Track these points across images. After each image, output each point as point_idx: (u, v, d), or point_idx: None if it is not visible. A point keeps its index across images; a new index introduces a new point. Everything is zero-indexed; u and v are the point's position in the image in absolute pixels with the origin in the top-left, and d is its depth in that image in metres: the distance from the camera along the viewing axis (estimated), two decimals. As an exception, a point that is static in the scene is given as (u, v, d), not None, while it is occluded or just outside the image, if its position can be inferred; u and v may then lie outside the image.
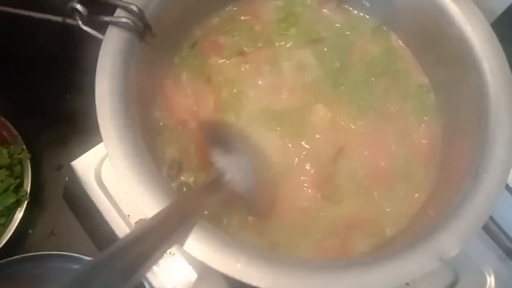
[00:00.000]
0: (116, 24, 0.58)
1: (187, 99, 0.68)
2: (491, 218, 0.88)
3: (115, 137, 0.51)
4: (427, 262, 0.50)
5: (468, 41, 0.63)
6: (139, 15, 0.59)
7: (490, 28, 0.63)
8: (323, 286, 0.47)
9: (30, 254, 0.98)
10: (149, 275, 0.78)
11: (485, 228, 0.87)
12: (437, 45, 0.68)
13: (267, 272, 0.47)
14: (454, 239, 0.51)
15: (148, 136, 0.57)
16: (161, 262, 0.79)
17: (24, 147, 1.01)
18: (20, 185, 1.00)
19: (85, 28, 0.57)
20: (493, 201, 0.54)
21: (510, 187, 0.85)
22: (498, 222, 0.88)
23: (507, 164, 0.56)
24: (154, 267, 0.78)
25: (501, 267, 0.85)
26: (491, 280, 0.84)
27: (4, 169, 0.99)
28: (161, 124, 0.66)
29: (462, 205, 0.54)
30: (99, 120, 0.52)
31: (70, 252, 0.99)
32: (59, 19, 0.58)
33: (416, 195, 0.65)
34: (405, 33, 0.73)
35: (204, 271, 0.78)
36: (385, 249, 0.55)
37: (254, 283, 0.46)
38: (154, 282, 0.78)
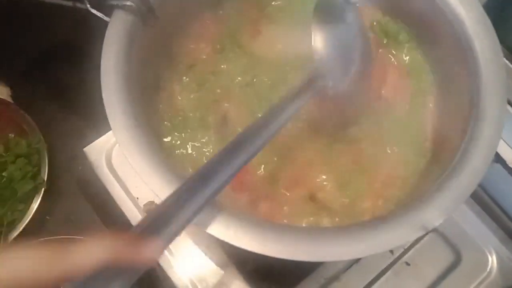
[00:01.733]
0: (121, 7, 0.61)
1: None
2: (493, 200, 0.89)
3: (118, 110, 0.54)
4: (411, 232, 0.51)
5: (461, 22, 0.64)
6: (143, -1, 0.62)
7: (482, 9, 0.64)
8: (307, 251, 0.49)
9: (48, 238, 1.02)
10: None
11: (487, 209, 0.88)
12: (430, 26, 0.69)
13: (255, 236, 0.49)
14: (438, 211, 0.52)
15: (149, 116, 0.60)
16: (168, 243, 0.82)
17: (41, 137, 1.06)
18: (38, 173, 1.04)
19: (93, 11, 0.61)
20: (479, 176, 0.55)
21: (512, 171, 0.86)
22: (501, 204, 0.89)
23: (494, 141, 0.57)
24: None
25: (502, 248, 0.86)
26: (492, 260, 0.85)
27: (22, 158, 1.03)
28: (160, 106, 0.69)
29: (448, 179, 0.55)
30: (103, 95, 0.55)
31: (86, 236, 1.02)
32: (69, 3, 0.61)
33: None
34: (397, 14, 0.75)
35: (210, 249, 0.80)
36: (371, 220, 0.57)
37: (242, 247, 0.49)
38: (162, 262, 0.81)
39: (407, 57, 0.74)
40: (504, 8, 0.74)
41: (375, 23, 0.76)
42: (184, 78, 0.71)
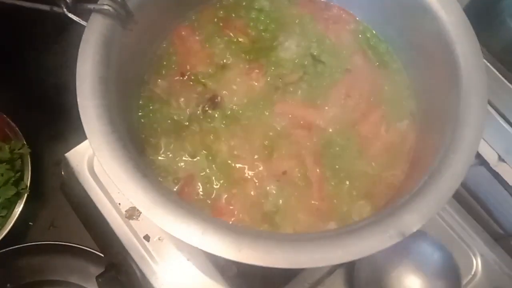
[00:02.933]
0: (99, 11, 0.60)
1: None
2: (478, 202, 0.89)
3: (92, 115, 0.53)
4: (389, 238, 0.50)
5: (442, 26, 0.64)
6: (121, 3, 0.61)
7: (463, 13, 0.64)
8: (284, 257, 0.48)
9: (31, 243, 1.02)
10: (139, 261, 0.80)
11: (472, 212, 0.88)
12: (410, 30, 0.69)
13: (229, 243, 0.48)
14: (416, 216, 0.51)
15: (126, 116, 0.60)
16: (151, 248, 0.81)
17: (25, 142, 1.05)
18: (21, 178, 1.03)
19: (69, 15, 0.60)
20: (458, 181, 0.54)
21: (499, 175, 0.86)
22: (485, 206, 0.89)
23: (474, 145, 0.56)
24: (144, 253, 0.80)
25: (487, 251, 0.86)
26: (477, 262, 0.85)
27: (5, 163, 1.02)
28: (140, 102, 0.68)
29: (427, 184, 0.54)
30: (78, 99, 0.54)
31: (70, 242, 1.02)
32: (47, 7, 0.60)
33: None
34: (377, 18, 0.74)
35: (192, 255, 0.79)
36: (349, 225, 0.56)
37: (217, 254, 0.48)
38: (145, 268, 0.80)
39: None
40: (485, 11, 0.74)
41: (360, 36, 0.76)
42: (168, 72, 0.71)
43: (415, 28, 0.69)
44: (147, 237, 0.81)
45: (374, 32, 0.76)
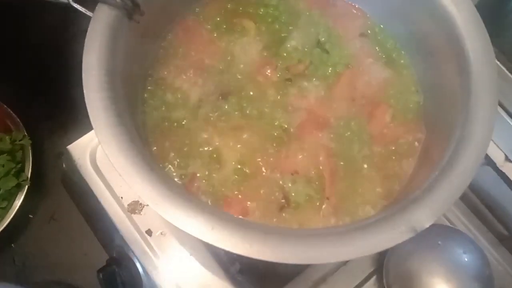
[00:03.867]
0: (105, 1, 0.59)
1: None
2: (483, 202, 0.89)
3: (99, 107, 0.53)
4: (400, 234, 0.50)
5: (452, 21, 0.63)
6: (127, -6, 0.60)
7: (474, 9, 0.63)
8: (293, 253, 0.47)
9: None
10: (141, 255, 0.79)
11: (477, 212, 0.88)
12: (419, 26, 0.69)
13: (239, 238, 0.47)
14: (428, 212, 0.51)
15: (132, 109, 0.59)
16: (153, 243, 0.80)
17: (26, 133, 1.04)
18: (21, 170, 1.02)
19: (75, 5, 0.59)
20: (470, 177, 0.54)
21: (505, 175, 0.85)
22: (490, 207, 0.88)
23: (485, 143, 0.56)
24: (146, 247, 0.79)
25: (491, 251, 0.85)
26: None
27: (5, 154, 1.01)
28: (145, 96, 0.67)
29: (438, 180, 0.54)
30: (84, 92, 0.53)
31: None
32: (53, -2, 0.59)
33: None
34: (385, 13, 0.74)
35: (195, 250, 0.79)
36: (359, 221, 0.56)
37: (227, 249, 0.47)
38: (146, 263, 0.79)
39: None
40: (496, 8, 0.73)
41: (368, 31, 0.75)
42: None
43: (424, 24, 0.68)
44: (149, 232, 0.81)
45: (382, 27, 0.75)
